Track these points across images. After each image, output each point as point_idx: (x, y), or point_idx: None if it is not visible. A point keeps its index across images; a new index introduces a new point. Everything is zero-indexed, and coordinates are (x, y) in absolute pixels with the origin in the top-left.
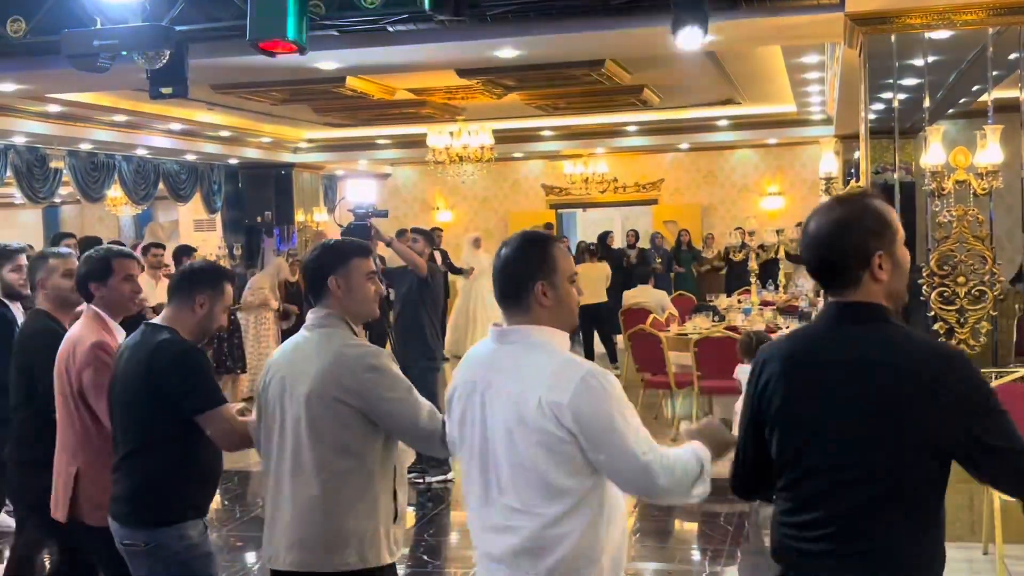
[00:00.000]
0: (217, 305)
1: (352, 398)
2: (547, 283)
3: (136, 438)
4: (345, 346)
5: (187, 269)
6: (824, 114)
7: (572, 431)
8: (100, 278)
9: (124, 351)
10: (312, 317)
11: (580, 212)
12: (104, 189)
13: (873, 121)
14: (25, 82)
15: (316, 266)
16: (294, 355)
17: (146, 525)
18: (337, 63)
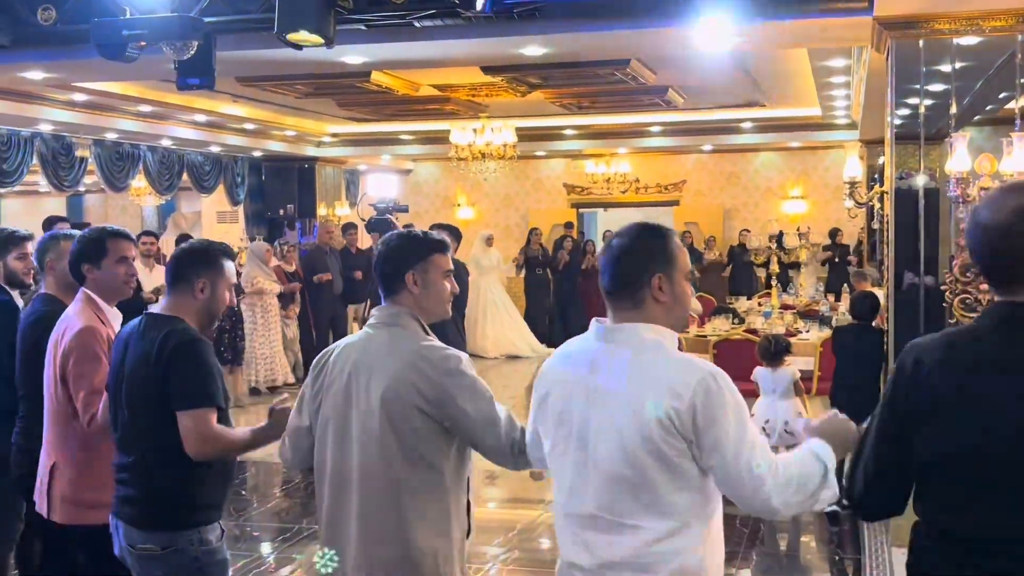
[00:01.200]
0: (219, 285)
1: (429, 405)
2: (664, 277)
3: (148, 437)
4: (422, 348)
5: (180, 252)
6: (849, 118)
7: (688, 438)
8: (94, 259)
9: (128, 344)
10: (381, 314)
11: (601, 212)
12: (129, 179)
13: (899, 126)
14: (53, 70)
15: (393, 258)
16: (361, 355)
17: (163, 528)
18: (363, 57)
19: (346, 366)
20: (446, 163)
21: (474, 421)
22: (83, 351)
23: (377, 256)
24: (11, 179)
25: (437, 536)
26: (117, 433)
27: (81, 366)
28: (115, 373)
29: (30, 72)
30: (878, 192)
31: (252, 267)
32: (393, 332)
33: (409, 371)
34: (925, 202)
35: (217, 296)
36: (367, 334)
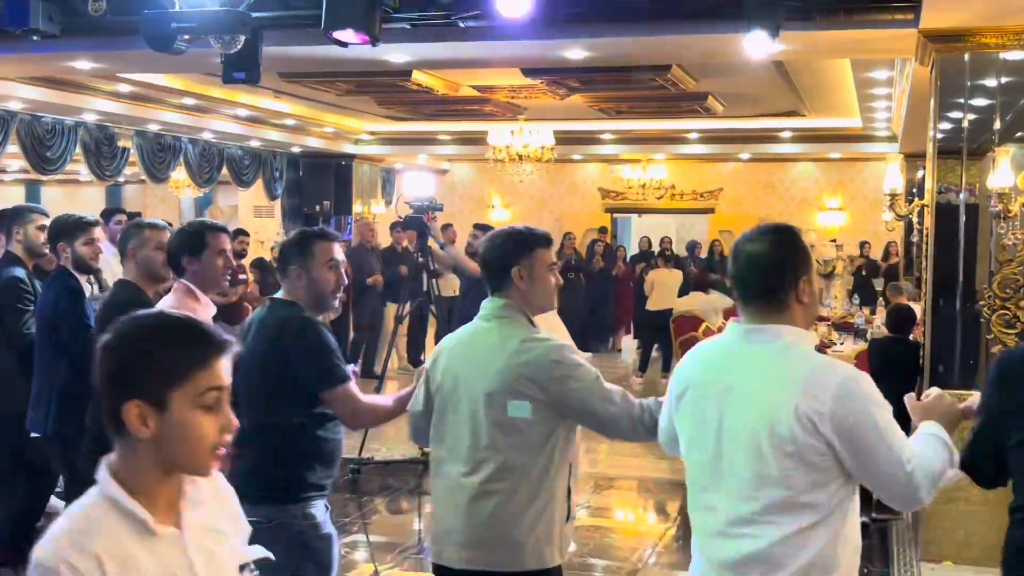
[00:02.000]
0: (313, 268)
1: (538, 391)
2: (807, 279)
3: (261, 415)
4: (527, 340)
5: (281, 244)
6: (889, 131)
7: (831, 442)
8: (194, 252)
9: (251, 325)
10: (490, 307)
11: (635, 217)
12: (169, 170)
13: (941, 140)
14: (101, 60)
15: (499, 255)
16: (471, 346)
17: (270, 501)
18: (406, 56)
19: (458, 354)
20: (482, 164)
21: (586, 400)
22: None
23: (483, 253)
24: (54, 167)
25: (539, 520)
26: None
27: None
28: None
29: (78, 62)
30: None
31: None
32: (502, 324)
33: (517, 361)
34: (966, 217)
35: (316, 279)
36: (476, 326)
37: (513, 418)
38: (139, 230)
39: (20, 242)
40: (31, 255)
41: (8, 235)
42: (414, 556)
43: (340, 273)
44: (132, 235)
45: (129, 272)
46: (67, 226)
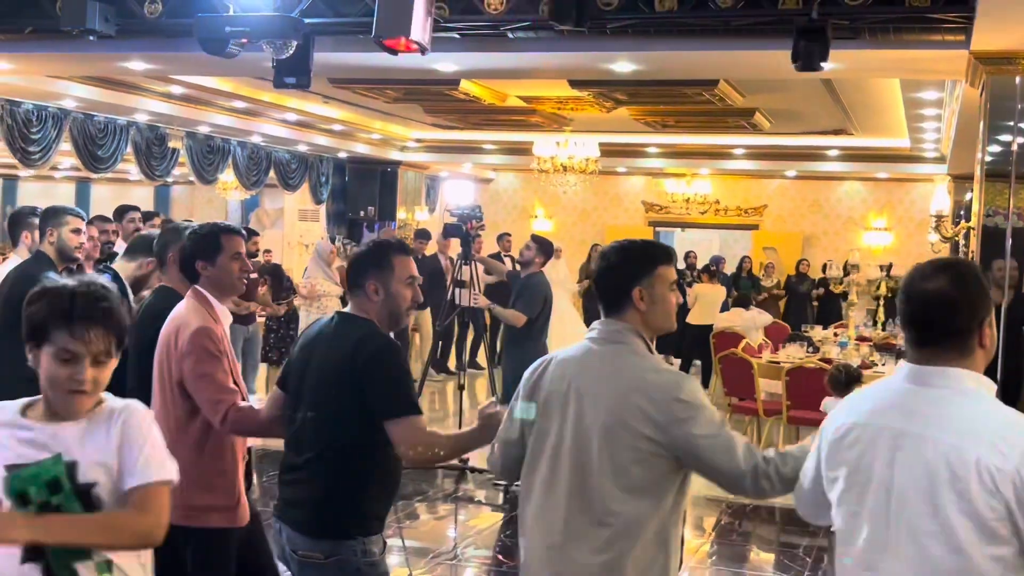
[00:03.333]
0: (392, 283)
1: (657, 431)
2: (989, 321)
3: (325, 440)
4: (648, 369)
5: (352, 256)
6: (938, 152)
7: (1009, 504)
8: (208, 255)
9: (316, 342)
10: (604, 329)
11: (679, 232)
12: (218, 172)
13: (989, 163)
14: (154, 62)
15: (620, 275)
16: (581, 371)
17: (330, 536)
18: (455, 65)
19: (564, 381)
20: (526, 174)
21: (707, 448)
22: (201, 352)
23: (598, 270)
24: (105, 165)
25: (649, 569)
26: (290, 431)
27: (202, 367)
28: (299, 371)
29: (132, 63)
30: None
31: (314, 268)
32: (617, 350)
33: (635, 394)
34: (1012, 241)
35: (394, 294)
36: (587, 349)
37: (626, 456)
38: (178, 234)
39: (52, 244)
40: (62, 258)
41: (42, 235)
42: (448, 562)
43: (417, 290)
44: (172, 240)
45: (171, 279)
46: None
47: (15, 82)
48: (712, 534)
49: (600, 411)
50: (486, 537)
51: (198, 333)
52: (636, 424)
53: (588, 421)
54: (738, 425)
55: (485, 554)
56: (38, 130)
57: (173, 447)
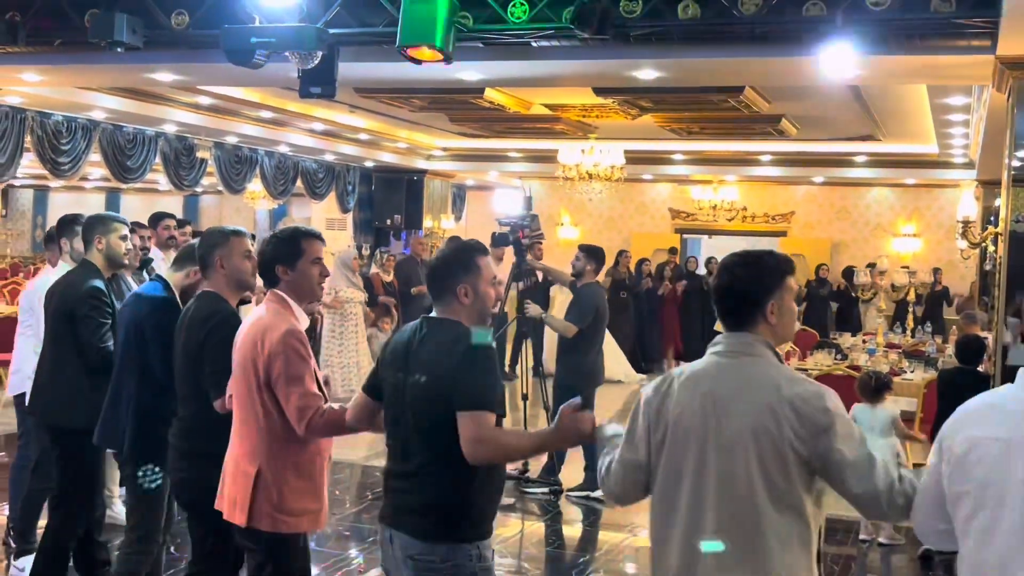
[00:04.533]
0: (481, 285)
1: (801, 443)
2: None
3: (436, 444)
4: (789, 382)
5: (435, 263)
6: (966, 157)
7: None
8: (289, 260)
9: (408, 348)
10: (732, 342)
11: (706, 239)
12: (245, 182)
13: (1017, 168)
14: (182, 73)
15: (752, 289)
16: (714, 386)
17: (447, 540)
18: (479, 74)
19: (695, 397)
20: (552, 182)
21: (849, 463)
22: (291, 354)
23: (723, 283)
24: (134, 175)
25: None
26: (394, 439)
27: (293, 368)
28: (396, 378)
29: (159, 74)
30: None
31: (337, 275)
32: (750, 362)
33: (778, 405)
34: None
35: (482, 296)
36: (716, 363)
37: (775, 470)
38: (224, 238)
39: (101, 251)
40: (111, 265)
41: (88, 243)
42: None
43: (499, 290)
44: (218, 243)
45: (216, 283)
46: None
47: (45, 94)
48: None
49: (743, 425)
50: (511, 545)
51: (289, 334)
52: (782, 435)
53: (731, 436)
54: None
55: (510, 563)
56: (68, 141)
57: (261, 450)
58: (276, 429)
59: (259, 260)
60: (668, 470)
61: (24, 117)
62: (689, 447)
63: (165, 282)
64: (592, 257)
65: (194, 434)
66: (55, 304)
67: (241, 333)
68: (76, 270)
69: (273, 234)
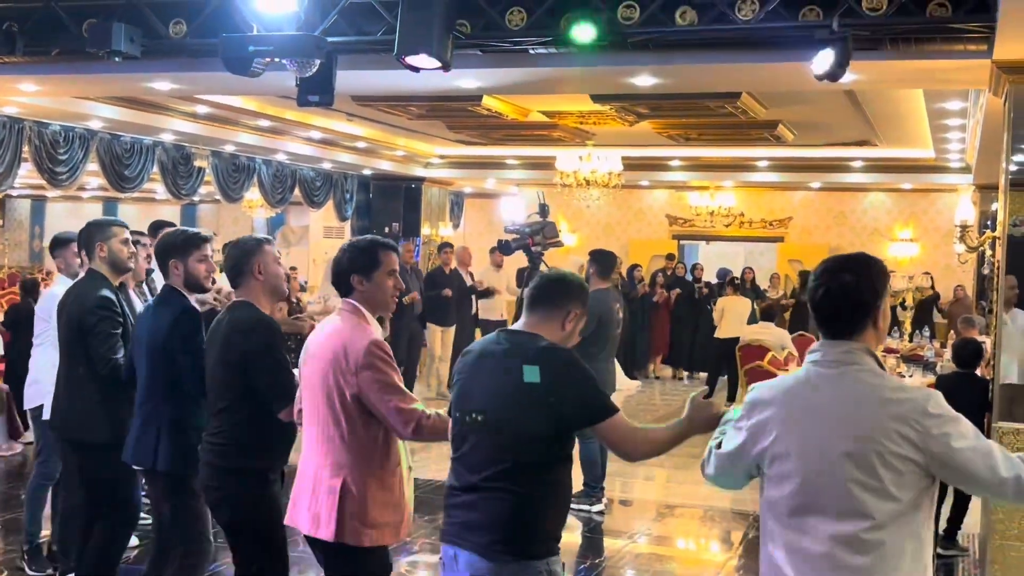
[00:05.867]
0: (579, 323)
1: (913, 450)
2: None
3: (509, 459)
4: (893, 390)
5: (555, 278)
6: (963, 162)
7: None
8: (365, 271)
9: (482, 361)
10: (832, 351)
11: (703, 244)
12: (243, 190)
13: (1014, 172)
14: (180, 82)
15: (867, 295)
16: (815, 395)
17: (516, 558)
18: (477, 81)
19: (795, 406)
20: (549, 189)
21: (968, 459)
22: (380, 364)
23: (833, 291)
24: (132, 185)
25: None
26: (462, 451)
27: (385, 377)
28: (466, 390)
29: (157, 83)
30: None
31: (326, 284)
32: (853, 371)
33: (884, 414)
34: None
35: (574, 334)
36: (817, 373)
37: (885, 479)
38: (259, 245)
39: (104, 258)
40: (116, 271)
41: (90, 252)
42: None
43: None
44: (253, 251)
45: (251, 291)
46: (179, 242)
47: (42, 103)
48: (739, 548)
49: (848, 436)
50: None
51: (374, 345)
52: (890, 445)
53: (838, 446)
54: None
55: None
56: (65, 151)
57: (347, 463)
58: (362, 442)
59: (334, 269)
60: (779, 474)
61: (22, 127)
62: (796, 455)
63: (178, 291)
64: (594, 262)
65: (232, 450)
66: (66, 316)
67: (314, 345)
68: (84, 281)
69: (350, 243)
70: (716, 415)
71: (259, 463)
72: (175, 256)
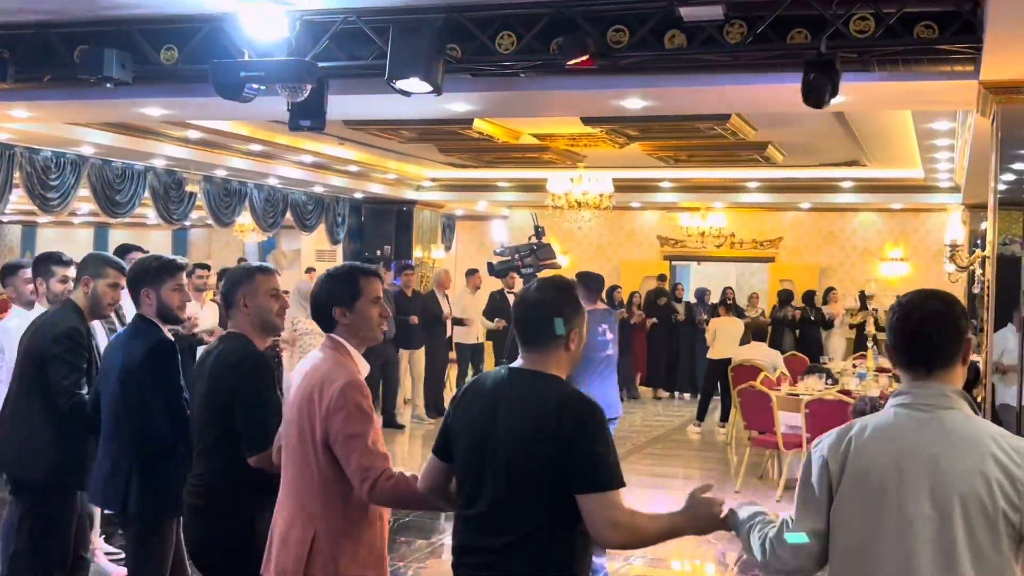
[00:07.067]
0: (583, 333)
1: (1012, 508)
2: None
3: (529, 518)
4: (996, 439)
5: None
6: (952, 181)
7: None
8: (347, 301)
9: (492, 405)
10: (924, 393)
11: (695, 265)
12: (235, 215)
13: (1003, 191)
14: (172, 108)
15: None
16: (907, 444)
17: None
18: (468, 105)
19: (882, 455)
20: (541, 211)
21: None
22: (352, 409)
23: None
24: (123, 210)
25: None
26: (474, 510)
27: (353, 426)
28: (478, 439)
29: (149, 108)
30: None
31: (296, 307)
32: (949, 416)
33: (990, 468)
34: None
35: (581, 344)
36: (908, 415)
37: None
38: (249, 275)
39: (87, 295)
40: (93, 311)
41: (76, 282)
42: None
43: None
44: (242, 281)
45: (240, 323)
46: (152, 269)
47: (34, 129)
48: (735, 569)
49: (952, 490)
50: None
51: (350, 387)
52: (995, 503)
53: (940, 500)
54: (757, 459)
55: None
56: (57, 176)
57: (319, 511)
58: (334, 491)
59: (313, 303)
60: (856, 536)
61: (13, 153)
62: (888, 514)
63: (151, 321)
64: (581, 284)
65: (217, 492)
66: (25, 343)
67: (295, 382)
68: (57, 310)
69: (327, 273)
70: (717, 511)
71: (245, 507)
72: (147, 284)
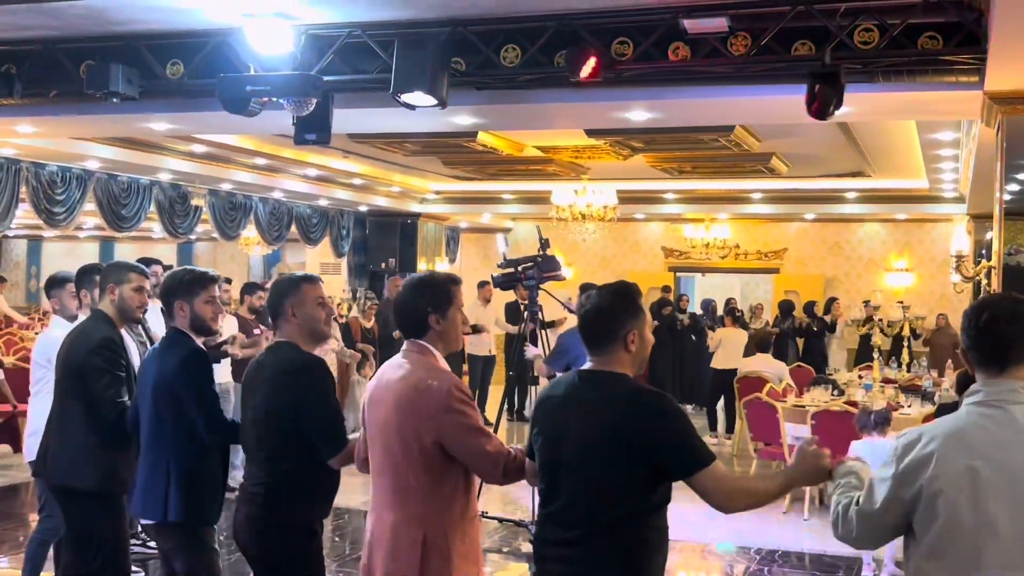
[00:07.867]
0: (646, 329)
1: None
2: None
3: (603, 511)
4: None
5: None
6: (956, 192)
7: None
8: (441, 308)
9: (566, 405)
10: (994, 391)
11: (699, 277)
12: (240, 228)
13: (1008, 201)
14: (178, 122)
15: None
16: (984, 443)
17: None
18: (472, 118)
19: (957, 453)
20: (545, 223)
21: None
22: (463, 407)
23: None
24: (129, 224)
25: None
26: (553, 508)
27: (471, 421)
28: (553, 438)
29: (155, 123)
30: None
31: None
32: (1021, 411)
33: None
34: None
35: (646, 342)
36: (981, 413)
37: None
38: (295, 285)
39: (113, 302)
40: (123, 318)
41: (101, 292)
42: None
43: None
44: (288, 291)
45: (288, 333)
46: (185, 282)
47: (40, 144)
48: None
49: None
50: None
51: (456, 387)
52: None
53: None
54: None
55: None
56: (62, 191)
57: (427, 514)
58: (442, 492)
59: (403, 309)
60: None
61: (19, 168)
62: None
63: (185, 333)
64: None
65: (280, 501)
66: (63, 356)
67: (382, 390)
68: (88, 321)
69: (420, 280)
70: (825, 467)
71: (304, 514)
72: (181, 296)
